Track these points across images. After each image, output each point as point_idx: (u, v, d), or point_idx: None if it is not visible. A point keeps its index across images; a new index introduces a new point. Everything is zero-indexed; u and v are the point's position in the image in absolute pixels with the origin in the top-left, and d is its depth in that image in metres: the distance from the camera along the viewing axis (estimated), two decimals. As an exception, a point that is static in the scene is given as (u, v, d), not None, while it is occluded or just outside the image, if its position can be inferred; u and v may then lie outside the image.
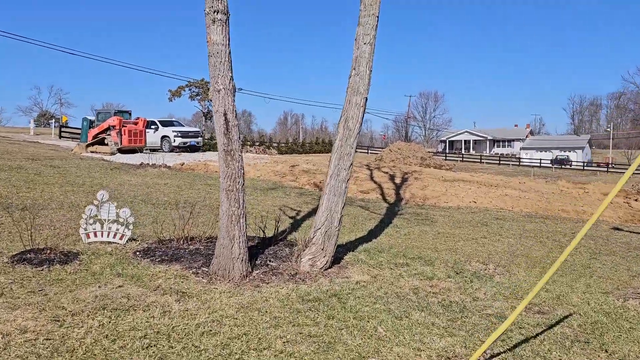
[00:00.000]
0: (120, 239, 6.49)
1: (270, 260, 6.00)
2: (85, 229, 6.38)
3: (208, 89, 39.67)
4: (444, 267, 6.53)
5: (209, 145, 48.69)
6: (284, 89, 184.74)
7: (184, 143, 27.20)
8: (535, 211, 13.61)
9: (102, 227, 6.44)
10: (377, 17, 6.15)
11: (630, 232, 11.32)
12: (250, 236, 7.47)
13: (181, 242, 6.58)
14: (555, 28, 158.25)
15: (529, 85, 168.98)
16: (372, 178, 17.11)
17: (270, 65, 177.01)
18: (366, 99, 6.21)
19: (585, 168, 55.50)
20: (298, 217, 10.30)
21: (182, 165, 19.13)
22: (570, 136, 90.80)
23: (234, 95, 5.38)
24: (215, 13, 5.24)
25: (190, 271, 5.44)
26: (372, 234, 8.82)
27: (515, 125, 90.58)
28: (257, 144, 56.07)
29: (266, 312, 4.41)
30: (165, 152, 26.53)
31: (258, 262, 5.91)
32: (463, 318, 4.62)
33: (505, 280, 6.10)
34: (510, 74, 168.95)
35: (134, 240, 6.76)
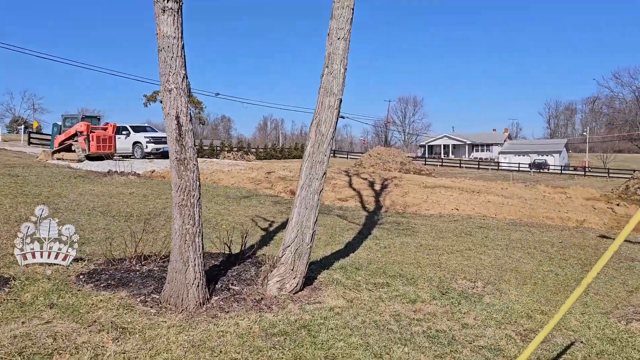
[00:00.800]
0: (64, 259, 5.70)
1: (232, 284, 5.28)
2: (22, 249, 5.58)
3: (184, 93, 38.93)
4: (428, 286, 5.90)
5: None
6: (264, 94, 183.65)
7: (157, 149, 26.20)
8: (520, 218, 13.13)
9: (41, 247, 5.65)
10: (353, 9, 5.52)
11: (618, 240, 10.88)
12: (214, 253, 6.75)
13: (133, 262, 5.82)
14: (531, 34, 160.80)
15: (506, 90, 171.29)
16: (350, 185, 16.49)
17: (249, 70, 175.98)
18: (340, 101, 5.56)
19: (563, 172, 55.93)
20: (271, 229, 9.60)
21: (153, 172, 18.23)
22: (547, 140, 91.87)
23: (187, 96, 4.67)
24: (166, 1, 4.53)
25: (138, 299, 4.69)
26: (350, 248, 8.17)
27: (494, 130, 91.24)
28: (235, 149, 55.20)
29: (221, 352, 3.70)
30: (138, 158, 25.53)
31: (219, 285, 5.19)
32: (453, 353, 3.98)
33: (495, 301, 5.49)
34: (487, 79, 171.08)
35: (81, 260, 5.98)
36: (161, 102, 4.65)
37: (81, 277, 5.33)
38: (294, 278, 5.30)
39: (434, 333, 4.37)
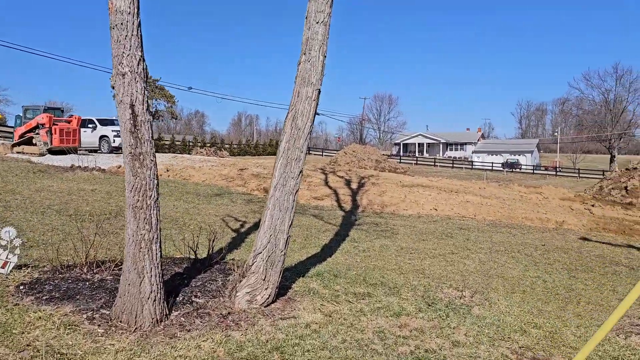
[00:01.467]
0: (3, 267, 5.01)
1: (196, 296, 4.69)
2: (-47, 256, 4.87)
3: (156, 86, 37.31)
4: (413, 296, 5.42)
5: (157, 147, 46.50)
6: (238, 89, 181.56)
7: (125, 144, 25.15)
8: (499, 219, 12.84)
9: (-24, 253, 4.94)
10: (333, -10, 4.98)
11: (599, 242, 10.66)
12: (178, 259, 6.13)
13: (84, 269, 5.16)
14: (505, 34, 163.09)
15: (479, 89, 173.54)
16: (326, 183, 15.97)
17: (224, 64, 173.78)
18: (319, 92, 5.02)
19: (535, 172, 56.68)
20: (242, 230, 9.00)
21: (119, 168, 17.35)
22: (519, 140, 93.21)
23: (144, 82, 4.05)
24: (119, -29, 3.90)
25: (85, 315, 4.06)
26: (327, 251, 7.64)
27: (467, 129, 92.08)
28: (208, 145, 54.08)
29: (177, 383, 3.12)
30: (105, 153, 24.48)
31: (180, 298, 4.59)
32: (446, 379, 3.49)
33: (486, 313, 5.04)
34: (461, 78, 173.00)
35: (25, 267, 5.29)
36: (113, 87, 4.03)
37: (21, 287, 4.65)
38: (266, 289, 4.74)
39: (423, 354, 3.88)
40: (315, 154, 65.31)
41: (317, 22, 4.94)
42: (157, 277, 4.07)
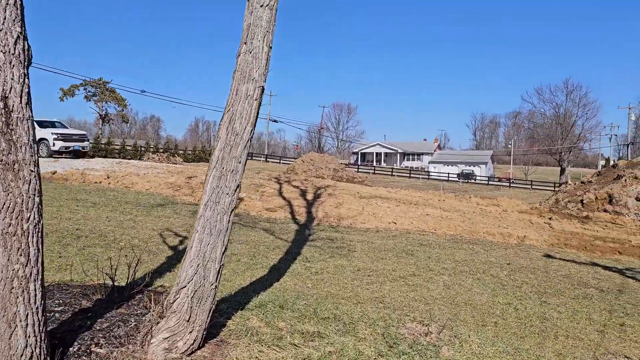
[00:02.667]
0: None
1: (98, 343, 3.68)
2: None
3: (107, 89, 35.60)
4: (372, 334, 4.58)
5: (106, 151, 44.36)
6: (196, 95, 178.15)
7: (66, 147, 23.47)
8: (460, 234, 12.27)
9: None
10: (281, -33, 4.13)
11: (563, 259, 10.22)
12: (91, 287, 5.08)
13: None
14: (460, 47, 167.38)
15: (436, 101, 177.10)
16: (281, 193, 15.06)
17: (181, 68, 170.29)
18: (262, 89, 4.14)
19: (490, 183, 57.61)
20: (181, 247, 7.97)
21: (54, 174, 15.88)
22: (474, 151, 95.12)
23: (25, 68, 3.06)
24: None
25: None
26: (275, 273, 6.73)
27: (424, 140, 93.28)
28: (162, 150, 52.14)
29: None
30: (43, 157, 22.69)
31: (76, 348, 3.57)
32: None
33: (457, 356, 4.26)
34: (419, 89, 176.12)
35: None
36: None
37: None
38: (191, 332, 3.79)
39: None
40: (272, 162, 64.23)
41: (261, 5, 4.07)
42: (36, 326, 3.06)
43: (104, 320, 4.05)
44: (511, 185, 54.76)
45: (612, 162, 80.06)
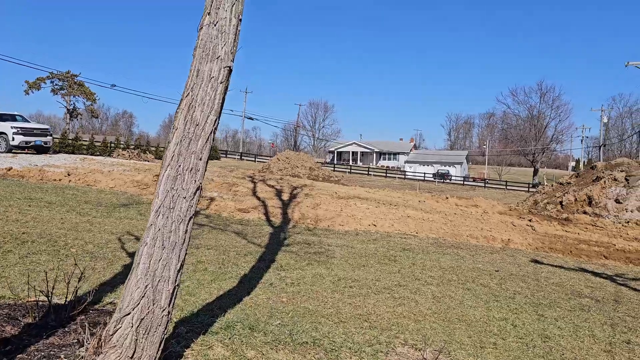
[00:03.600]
0: None
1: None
2: None
3: (75, 82, 34.24)
4: (358, 363, 3.89)
5: (73, 147, 42.69)
6: (170, 90, 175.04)
7: (27, 142, 22.14)
8: (443, 237, 11.72)
9: None
10: None
11: (551, 265, 9.74)
12: (22, 307, 4.26)
13: None
14: (435, 50, 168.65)
15: (412, 101, 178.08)
16: (255, 193, 14.28)
17: (154, 62, 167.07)
18: (230, 70, 3.40)
19: (465, 183, 57.77)
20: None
21: (9, 170, 14.76)
22: (450, 151, 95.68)
23: None
24: None
25: None
26: (246, 285, 5.99)
27: (401, 139, 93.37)
28: (133, 146, 50.56)
29: None
30: (1, 152, 21.36)
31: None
32: None
33: (458, 391, 3.61)
34: (395, 89, 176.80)
35: None
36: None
37: None
38: (135, 371, 3.03)
39: None
40: (247, 160, 63.16)
41: (228, -32, 3.34)
42: None
43: (27, 355, 3.24)
44: (486, 185, 54.99)
45: (581, 164, 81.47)
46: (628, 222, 16.84)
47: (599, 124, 68.16)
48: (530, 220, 16.75)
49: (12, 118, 23.43)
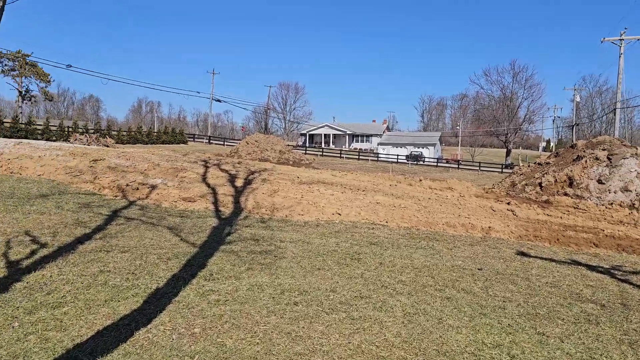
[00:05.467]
0: None
1: None
2: None
3: (27, 63, 31.46)
4: None
5: (26, 132, 39.97)
6: (138, 73, 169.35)
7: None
8: (416, 226, 10.29)
9: None
10: None
11: (540, 258, 8.43)
12: None
13: None
14: (413, 29, 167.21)
15: (385, 83, 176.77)
16: (205, 179, 12.59)
17: (124, 46, 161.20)
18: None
19: (439, 164, 56.86)
20: (25, 264, 5.47)
21: None
22: (423, 133, 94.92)
23: None
24: None
25: None
26: (151, 307, 4.40)
27: (373, 121, 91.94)
28: (92, 130, 47.85)
29: None
30: None
31: None
32: None
33: None
34: (368, 71, 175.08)
35: None
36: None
37: None
38: None
39: None
40: (216, 144, 60.90)
41: None
42: None
43: None
44: (460, 166, 54.18)
45: (552, 144, 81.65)
46: (612, 204, 15.79)
47: (569, 105, 68.01)
48: (509, 204, 15.55)
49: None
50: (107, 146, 37.67)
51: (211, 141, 62.74)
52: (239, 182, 12.68)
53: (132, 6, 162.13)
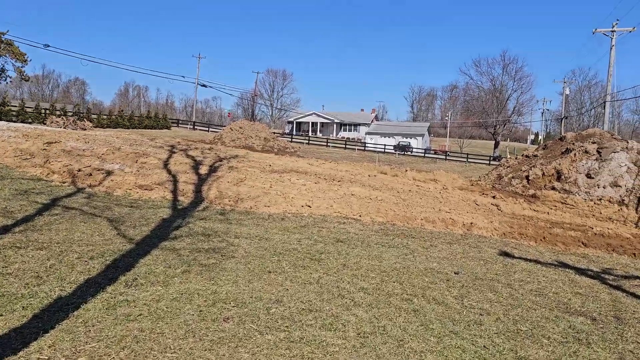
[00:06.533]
0: None
1: None
2: None
3: (1, 41, 29.62)
4: None
5: (1, 114, 38.52)
6: (125, 56, 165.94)
7: None
8: (392, 220, 9.46)
9: None
10: None
11: (524, 259, 7.64)
12: None
13: None
14: (402, 19, 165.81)
15: (375, 72, 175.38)
16: (167, 165, 11.63)
17: (112, 27, 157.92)
18: None
19: (426, 155, 56.15)
20: None
21: None
22: (412, 123, 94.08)
23: None
24: None
25: None
26: (32, 326, 3.50)
27: (362, 110, 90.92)
28: (70, 113, 46.34)
29: None
30: None
31: None
32: None
33: None
34: (358, 59, 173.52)
35: None
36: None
37: None
38: None
39: None
40: (201, 130, 59.53)
41: None
42: None
43: None
44: (447, 158, 53.52)
45: (541, 137, 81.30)
46: (600, 199, 15.09)
47: (558, 98, 67.57)
48: (494, 197, 14.82)
49: None
50: (84, 129, 36.38)
51: (195, 127, 61.36)
52: (204, 170, 11.74)
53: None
